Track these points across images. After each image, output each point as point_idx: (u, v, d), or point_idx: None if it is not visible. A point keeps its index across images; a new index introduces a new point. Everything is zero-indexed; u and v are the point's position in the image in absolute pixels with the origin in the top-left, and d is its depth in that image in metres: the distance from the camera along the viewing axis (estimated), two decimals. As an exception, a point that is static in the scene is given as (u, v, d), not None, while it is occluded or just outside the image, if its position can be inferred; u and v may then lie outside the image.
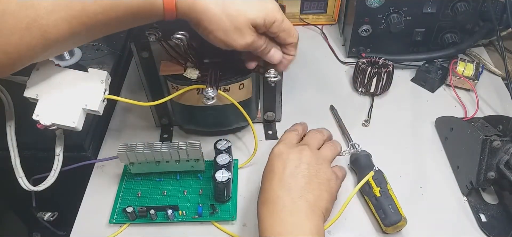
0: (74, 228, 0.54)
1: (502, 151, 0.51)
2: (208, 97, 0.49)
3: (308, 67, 0.78)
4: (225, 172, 0.51)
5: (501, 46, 0.69)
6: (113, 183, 0.58)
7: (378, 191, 0.52)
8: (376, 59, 0.70)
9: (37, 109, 0.45)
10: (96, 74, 0.48)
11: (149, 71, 0.56)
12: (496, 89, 0.72)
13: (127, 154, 0.52)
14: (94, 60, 0.72)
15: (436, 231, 0.52)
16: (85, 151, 0.61)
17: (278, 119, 0.66)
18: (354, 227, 0.53)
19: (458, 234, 0.52)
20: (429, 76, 0.71)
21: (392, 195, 0.52)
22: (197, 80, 0.53)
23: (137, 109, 0.69)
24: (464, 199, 0.56)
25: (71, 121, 0.46)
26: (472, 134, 0.53)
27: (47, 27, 0.38)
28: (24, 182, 0.51)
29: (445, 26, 0.73)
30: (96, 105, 0.47)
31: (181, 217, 0.53)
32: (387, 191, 0.52)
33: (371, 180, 0.52)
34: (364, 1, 0.70)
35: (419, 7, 0.70)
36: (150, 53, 0.54)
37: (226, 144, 0.55)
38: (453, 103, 0.70)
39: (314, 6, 0.86)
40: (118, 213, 0.54)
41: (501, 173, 0.51)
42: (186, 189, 0.56)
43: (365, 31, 0.73)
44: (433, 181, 0.58)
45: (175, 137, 0.65)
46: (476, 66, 0.70)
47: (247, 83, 0.56)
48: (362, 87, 0.70)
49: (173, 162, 0.54)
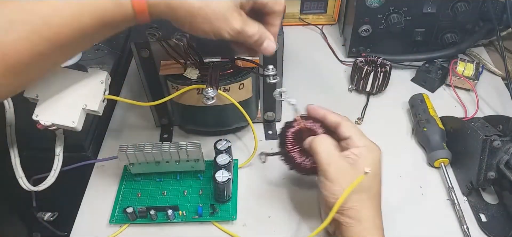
0: (74, 228, 0.54)
1: (502, 151, 0.51)
2: (208, 97, 0.49)
3: (308, 67, 0.78)
4: (225, 172, 0.51)
5: (501, 46, 0.69)
6: (113, 183, 0.58)
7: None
8: (375, 59, 0.70)
9: (37, 110, 0.45)
10: (96, 74, 0.48)
11: (149, 71, 0.56)
12: (496, 89, 0.72)
13: (127, 154, 0.52)
14: (94, 60, 0.72)
15: (436, 231, 0.52)
16: (85, 151, 0.61)
17: (278, 119, 0.66)
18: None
19: (458, 234, 0.52)
20: (429, 76, 0.71)
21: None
22: (197, 80, 0.53)
23: (137, 109, 0.69)
24: (464, 199, 0.56)
25: (71, 121, 0.45)
26: (472, 134, 0.53)
27: (5, 49, 0.34)
28: (24, 182, 0.51)
29: (445, 26, 0.73)
30: (96, 105, 0.47)
31: (181, 217, 0.53)
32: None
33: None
34: (364, 1, 0.70)
35: (419, 7, 0.70)
36: (150, 53, 0.54)
37: (226, 144, 0.55)
38: (453, 103, 0.70)
39: (314, 6, 0.86)
40: (118, 213, 0.54)
41: (501, 172, 0.51)
42: (186, 189, 0.56)
43: (365, 31, 0.73)
44: (433, 181, 0.58)
45: (175, 137, 0.65)
46: (476, 66, 0.70)
47: (247, 83, 0.56)
48: (352, 85, 0.70)
49: (173, 162, 0.54)
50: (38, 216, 0.56)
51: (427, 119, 0.61)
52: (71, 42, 0.38)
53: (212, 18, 0.39)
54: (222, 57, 0.53)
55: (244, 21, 0.41)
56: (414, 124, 0.64)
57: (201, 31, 0.40)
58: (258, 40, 0.43)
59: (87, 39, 0.39)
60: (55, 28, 0.36)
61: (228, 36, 0.41)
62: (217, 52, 0.53)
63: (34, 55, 0.36)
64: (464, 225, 0.52)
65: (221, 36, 0.41)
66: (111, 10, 0.37)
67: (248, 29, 0.42)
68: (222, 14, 0.39)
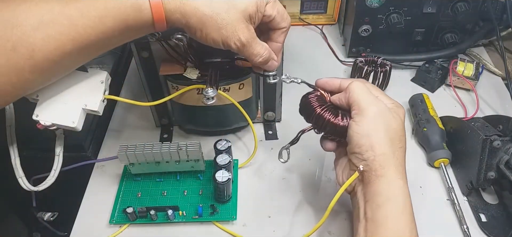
0: (74, 228, 0.54)
1: (502, 151, 0.51)
2: (208, 97, 0.49)
3: (308, 67, 0.78)
4: (225, 172, 0.51)
5: (501, 46, 0.69)
6: (113, 183, 0.58)
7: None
8: (375, 59, 0.70)
9: (37, 110, 0.45)
10: (96, 74, 0.48)
11: (149, 71, 0.56)
12: (496, 89, 0.72)
13: (127, 154, 0.52)
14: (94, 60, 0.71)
15: (436, 231, 0.52)
16: (85, 151, 0.61)
17: (278, 119, 0.66)
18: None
19: (458, 234, 0.52)
20: (429, 76, 0.71)
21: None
22: (197, 80, 0.53)
23: (137, 109, 0.69)
24: (464, 199, 0.56)
25: (71, 121, 0.45)
26: (472, 134, 0.53)
27: (34, 46, 0.37)
28: (24, 182, 0.51)
29: (445, 26, 0.73)
30: (96, 105, 0.47)
31: (181, 217, 0.53)
32: None
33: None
34: (364, 1, 0.70)
35: (419, 7, 0.70)
36: (150, 53, 0.54)
37: (226, 144, 0.55)
38: (453, 103, 0.70)
39: (314, 6, 0.86)
40: (118, 214, 0.54)
41: (501, 172, 0.51)
42: (186, 189, 0.56)
43: (365, 31, 0.73)
44: (433, 181, 0.58)
45: (175, 137, 0.65)
46: (476, 66, 0.70)
47: (247, 83, 0.56)
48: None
49: (173, 162, 0.54)
50: (38, 216, 0.56)
51: (427, 119, 0.61)
52: (95, 43, 0.40)
53: (221, 27, 0.41)
54: (222, 58, 0.53)
55: (251, 36, 0.43)
56: (414, 123, 0.64)
57: (211, 39, 0.42)
58: (262, 61, 0.46)
59: (111, 41, 0.41)
60: (81, 30, 0.38)
61: (235, 46, 0.43)
62: (217, 52, 0.53)
63: (61, 54, 0.39)
64: (464, 225, 0.52)
65: (229, 46, 0.43)
66: (133, 15, 0.39)
67: (255, 47, 0.44)
68: (231, 24, 0.41)
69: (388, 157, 0.42)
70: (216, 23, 0.41)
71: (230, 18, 0.41)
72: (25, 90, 0.42)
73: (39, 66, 0.38)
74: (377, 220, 0.41)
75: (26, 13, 0.37)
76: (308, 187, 0.57)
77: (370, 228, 0.41)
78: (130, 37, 0.43)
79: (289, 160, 0.51)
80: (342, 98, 0.46)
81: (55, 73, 0.42)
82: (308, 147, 0.61)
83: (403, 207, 0.42)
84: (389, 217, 0.41)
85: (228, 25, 0.41)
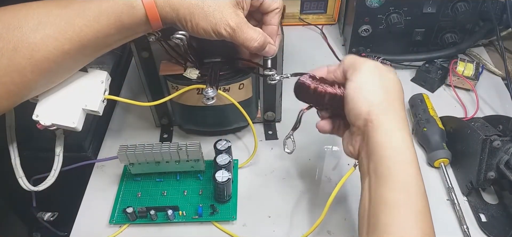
0: (74, 228, 0.54)
1: (502, 151, 0.51)
2: (208, 97, 0.49)
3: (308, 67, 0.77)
4: (225, 172, 0.51)
5: (501, 46, 0.69)
6: (113, 183, 0.58)
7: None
8: (375, 59, 0.70)
9: (37, 110, 0.45)
10: (96, 74, 0.48)
11: (149, 71, 0.56)
12: (496, 89, 0.72)
13: (127, 154, 0.52)
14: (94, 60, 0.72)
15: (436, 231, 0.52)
16: (85, 151, 0.61)
17: (278, 119, 0.66)
18: (355, 227, 0.53)
19: (458, 234, 0.52)
20: (429, 76, 0.71)
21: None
22: (197, 80, 0.53)
23: (137, 109, 0.69)
24: (464, 199, 0.56)
25: (71, 121, 0.45)
26: (472, 134, 0.53)
27: (34, 45, 0.39)
28: (24, 182, 0.51)
29: (445, 26, 0.73)
30: (96, 105, 0.47)
31: (181, 217, 0.53)
32: None
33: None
34: (364, 1, 0.70)
35: (419, 7, 0.70)
36: (150, 53, 0.54)
37: (226, 144, 0.55)
38: (453, 103, 0.70)
39: (314, 6, 0.86)
40: (118, 214, 0.54)
41: (501, 173, 0.51)
42: (186, 189, 0.56)
43: (365, 31, 0.73)
44: (433, 181, 0.58)
45: (175, 137, 0.65)
46: (476, 66, 0.70)
47: (247, 83, 0.56)
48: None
49: (173, 162, 0.54)
50: (38, 216, 0.56)
51: (427, 119, 0.61)
52: (92, 42, 0.41)
53: (208, 14, 0.41)
54: (222, 58, 0.53)
55: (241, 21, 0.43)
56: (414, 123, 0.64)
57: (201, 29, 0.42)
58: (258, 46, 0.45)
59: (108, 40, 0.43)
60: (78, 29, 0.40)
61: (225, 33, 0.43)
62: (217, 52, 0.53)
63: (60, 53, 0.40)
64: (464, 225, 0.52)
65: (220, 34, 0.43)
66: (126, 12, 0.41)
67: (247, 31, 0.43)
68: (218, 10, 0.42)
69: (385, 106, 0.40)
70: (203, 11, 0.41)
71: (217, 4, 0.41)
72: (28, 91, 0.42)
73: (40, 66, 0.40)
74: (381, 172, 0.38)
75: (25, 16, 0.39)
76: (308, 187, 0.57)
77: (373, 181, 0.39)
78: (128, 36, 0.44)
79: (295, 150, 0.50)
80: (336, 70, 0.45)
81: (56, 74, 0.43)
82: (308, 147, 0.61)
83: (405, 157, 0.39)
84: (392, 168, 0.38)
85: (215, 12, 0.41)
